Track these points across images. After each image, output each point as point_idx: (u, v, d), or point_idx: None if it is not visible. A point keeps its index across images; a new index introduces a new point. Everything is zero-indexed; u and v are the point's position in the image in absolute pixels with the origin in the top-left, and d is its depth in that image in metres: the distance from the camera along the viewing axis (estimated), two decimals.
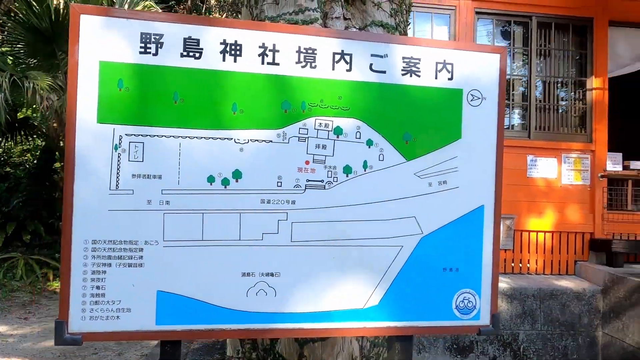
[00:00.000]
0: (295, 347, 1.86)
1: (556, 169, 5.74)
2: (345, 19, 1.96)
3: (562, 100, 5.91)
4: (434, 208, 1.32)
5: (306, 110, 1.26)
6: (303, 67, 1.26)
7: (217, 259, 1.23)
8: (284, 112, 1.25)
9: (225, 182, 1.23)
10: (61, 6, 8.30)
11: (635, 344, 4.62)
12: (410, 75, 1.31)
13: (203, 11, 23.43)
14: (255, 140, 1.24)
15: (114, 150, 1.18)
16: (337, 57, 1.28)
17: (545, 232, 5.63)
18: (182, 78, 1.21)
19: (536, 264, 5.63)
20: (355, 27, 1.94)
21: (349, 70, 1.28)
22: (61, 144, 10.30)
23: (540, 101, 5.72)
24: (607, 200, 5.63)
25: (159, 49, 1.20)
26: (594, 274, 5.29)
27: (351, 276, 1.28)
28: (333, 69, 1.28)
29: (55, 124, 9.90)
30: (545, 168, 5.75)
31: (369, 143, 1.29)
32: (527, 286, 5.06)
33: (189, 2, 24.16)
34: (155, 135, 1.20)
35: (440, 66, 1.33)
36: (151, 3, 10.18)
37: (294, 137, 1.25)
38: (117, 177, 1.18)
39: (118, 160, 1.18)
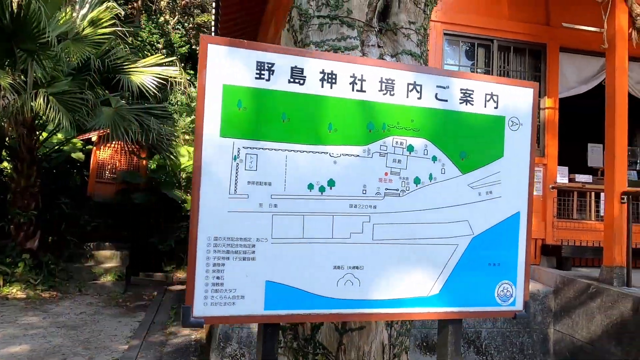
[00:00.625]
0: (335, 336, 2.09)
1: None
2: (379, 46, 2.23)
3: None
4: (482, 213, 1.61)
5: (386, 130, 1.52)
6: (384, 94, 1.52)
7: (314, 254, 1.46)
8: (368, 132, 1.50)
9: (321, 189, 1.46)
10: (23, 2, 8.08)
11: (584, 339, 5.15)
12: (466, 104, 1.60)
13: (153, 10, 22.84)
14: (346, 154, 1.48)
15: (233, 161, 1.39)
16: (410, 87, 1.55)
17: None
18: (288, 101, 1.43)
19: None
20: (388, 54, 2.22)
21: (420, 98, 1.55)
22: (6, 143, 9.94)
23: None
24: (556, 210, 6.22)
25: (271, 76, 1.42)
26: (546, 277, 5.82)
27: (418, 269, 1.55)
28: (407, 96, 1.54)
29: (5, 124, 9.55)
30: None
31: (434, 159, 1.57)
32: None
33: (139, 2, 23.49)
34: (266, 149, 1.42)
35: (488, 97, 1.62)
36: (113, 4, 10.05)
37: (376, 153, 1.51)
38: (235, 184, 1.39)
39: (236, 169, 1.39)
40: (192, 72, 18.19)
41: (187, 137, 15.25)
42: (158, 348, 6.24)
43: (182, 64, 16.56)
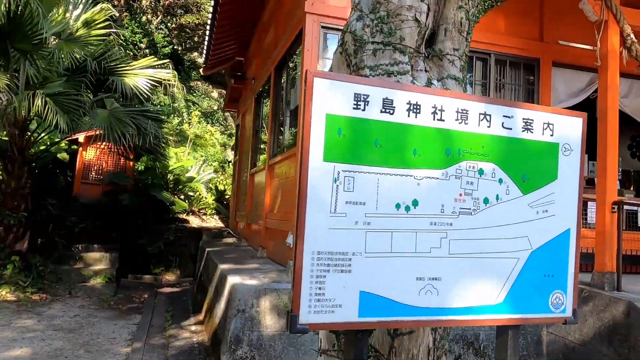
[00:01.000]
0: (387, 340, 2.25)
1: None
2: (426, 71, 2.41)
3: None
4: (539, 230, 1.80)
5: (460, 155, 1.69)
6: (459, 123, 1.69)
7: (400, 267, 1.62)
8: (446, 157, 1.68)
9: (407, 208, 1.62)
10: (20, 1, 8.02)
11: (576, 341, 5.43)
12: (527, 132, 1.79)
13: (135, 9, 22.59)
14: (428, 177, 1.65)
15: (333, 183, 1.54)
16: (482, 116, 1.73)
17: None
18: (380, 128, 1.60)
19: None
20: (434, 78, 2.40)
21: (489, 126, 1.73)
22: None
23: None
24: None
25: (366, 106, 1.58)
26: None
27: (486, 280, 1.73)
28: (479, 125, 1.72)
29: None
30: None
31: (500, 181, 1.75)
32: None
33: (122, 1, 23.17)
34: (361, 172, 1.57)
35: (545, 125, 1.82)
36: (108, 6, 10.03)
37: (452, 176, 1.68)
38: (335, 204, 1.54)
39: (336, 191, 1.54)
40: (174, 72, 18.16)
41: (172, 139, 15.22)
42: (161, 351, 6.30)
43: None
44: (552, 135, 1.83)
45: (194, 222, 13.60)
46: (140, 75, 9.75)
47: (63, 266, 10.20)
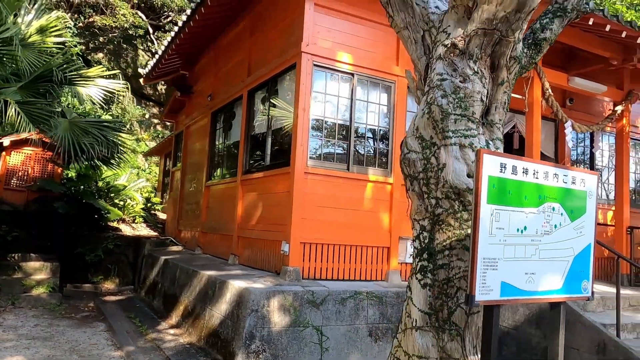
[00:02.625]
0: (464, 317, 3.32)
1: None
2: (482, 134, 3.54)
3: None
4: (577, 243, 3.01)
5: (544, 199, 2.84)
6: (544, 179, 2.84)
7: (519, 266, 2.72)
8: (538, 200, 2.81)
9: (521, 231, 2.73)
10: None
11: (509, 326, 6.95)
12: (573, 184, 2.99)
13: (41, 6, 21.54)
14: (531, 212, 2.77)
15: (491, 216, 2.59)
16: (554, 175, 2.89)
17: None
18: (510, 183, 2.68)
19: None
20: (488, 140, 3.54)
21: (557, 181, 2.91)
22: None
23: None
24: None
25: (505, 170, 2.66)
26: None
27: (555, 274, 2.89)
28: (552, 180, 2.89)
29: None
30: None
31: (561, 214, 2.93)
32: None
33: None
34: (502, 210, 2.65)
35: (580, 180, 3.04)
36: (64, 14, 10.08)
37: (541, 211, 2.82)
38: (491, 228, 2.59)
39: (492, 221, 2.59)
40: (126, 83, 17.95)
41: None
42: (157, 352, 6.78)
43: None
44: (584, 186, 3.06)
45: (126, 230, 13.61)
46: (93, 86, 9.87)
47: (1, 277, 9.92)
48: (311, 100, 6.74)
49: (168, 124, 23.84)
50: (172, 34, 9.87)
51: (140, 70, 12.31)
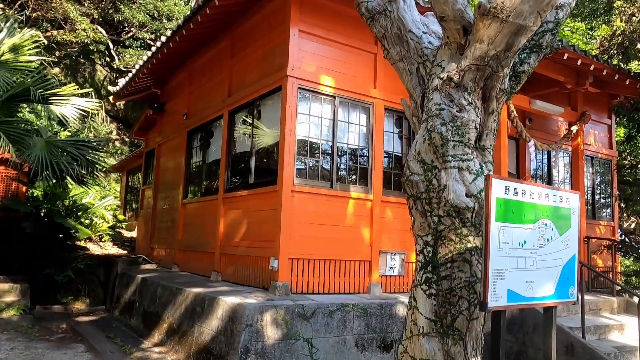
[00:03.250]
0: (465, 322, 3.69)
1: None
2: (476, 158, 3.96)
3: None
4: (565, 254, 3.45)
5: (539, 216, 3.27)
6: (539, 199, 3.27)
7: (521, 275, 3.12)
8: (534, 217, 3.24)
9: (522, 245, 3.14)
10: None
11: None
12: (561, 202, 3.44)
13: None
14: (529, 228, 3.19)
15: (497, 232, 2.98)
16: (546, 195, 3.33)
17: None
18: (513, 203, 3.09)
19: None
20: (481, 163, 3.96)
21: (548, 200, 3.34)
22: None
23: None
24: None
25: (508, 192, 3.07)
26: None
27: (548, 281, 3.31)
28: (547, 200, 3.32)
29: None
30: None
31: (552, 229, 3.36)
32: (406, 301, 7.38)
33: None
34: (507, 227, 3.04)
35: (566, 199, 3.49)
36: (38, 33, 10.04)
37: (537, 227, 3.25)
38: (499, 243, 2.98)
39: (499, 236, 2.98)
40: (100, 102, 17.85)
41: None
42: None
43: None
44: (568, 204, 3.51)
45: (94, 249, 13.41)
46: (68, 105, 9.83)
47: None
48: (296, 121, 7.06)
49: (127, 139, 23.56)
50: (149, 53, 9.98)
51: (110, 87, 12.27)
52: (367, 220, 7.66)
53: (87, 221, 13.22)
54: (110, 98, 12.30)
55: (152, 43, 23.56)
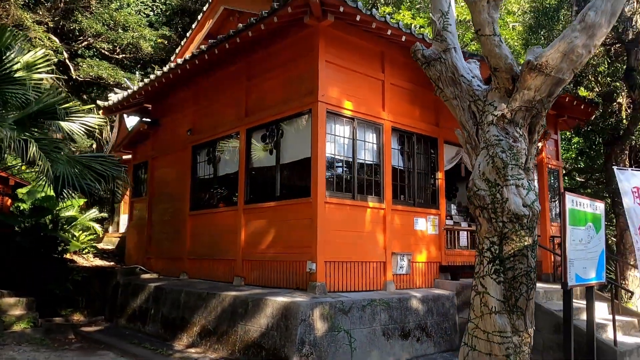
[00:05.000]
0: (524, 301, 4.89)
1: (425, 225, 9.67)
2: (524, 177, 5.19)
3: (425, 183, 10.01)
4: (599, 248, 4.76)
5: (587, 221, 4.54)
6: (585, 209, 4.54)
7: (582, 263, 4.36)
8: (585, 222, 4.50)
9: (581, 241, 4.38)
10: None
11: None
12: (596, 210, 4.74)
13: None
14: (584, 229, 4.45)
15: (570, 233, 4.20)
16: (589, 205, 4.61)
17: (421, 262, 9.44)
18: (577, 212, 4.33)
19: (419, 281, 9.34)
20: (529, 181, 5.20)
21: (590, 209, 4.62)
22: None
23: (415, 184, 9.56)
24: (446, 242, 9.90)
25: (575, 205, 4.30)
26: (448, 285, 9.35)
27: (593, 267, 4.59)
28: (589, 208, 4.60)
29: None
30: (421, 224, 9.60)
31: (593, 230, 4.65)
32: (419, 295, 8.60)
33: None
34: (574, 229, 4.27)
35: (598, 207, 4.80)
36: (50, 52, 10.35)
37: (588, 229, 4.52)
38: (571, 241, 4.21)
39: (571, 235, 4.21)
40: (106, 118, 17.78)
41: None
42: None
43: None
44: (598, 211, 4.82)
45: (80, 261, 13.52)
46: (77, 120, 10.17)
47: None
48: (325, 141, 8.06)
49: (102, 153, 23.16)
50: (152, 76, 10.54)
51: (100, 102, 12.56)
52: (381, 227, 8.79)
53: (75, 233, 13.32)
54: (100, 112, 12.55)
55: (107, 53, 23.44)
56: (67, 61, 22.05)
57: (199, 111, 11.17)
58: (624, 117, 11.34)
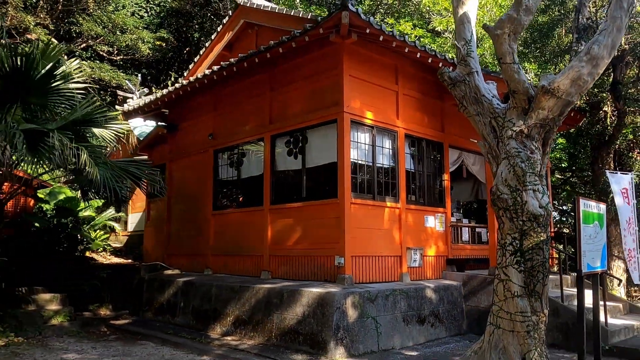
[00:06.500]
0: (540, 286, 5.88)
1: (434, 222, 10.66)
2: (539, 183, 6.18)
3: (433, 184, 11.00)
4: (602, 241, 5.78)
5: (594, 219, 5.55)
6: (593, 209, 5.55)
7: (592, 254, 5.37)
8: (594, 219, 5.51)
9: (592, 236, 5.39)
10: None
11: (485, 307, 9.76)
12: (599, 210, 5.75)
13: None
14: (593, 226, 5.45)
15: (583, 229, 5.20)
16: (595, 207, 5.62)
17: (431, 256, 10.44)
18: (590, 213, 5.33)
19: (429, 273, 10.32)
20: (542, 186, 6.18)
21: (595, 209, 5.64)
22: None
23: (425, 185, 10.55)
24: (452, 238, 10.92)
25: (586, 206, 5.30)
26: (455, 276, 10.37)
27: (599, 256, 5.60)
28: (595, 209, 5.60)
29: None
30: (430, 221, 10.59)
31: (598, 226, 5.66)
32: (432, 285, 9.58)
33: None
34: (588, 226, 5.27)
35: (601, 208, 5.82)
36: (83, 62, 11.02)
37: (595, 226, 5.53)
38: (583, 237, 5.20)
39: (583, 232, 5.21)
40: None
41: None
42: (238, 352, 8.33)
43: None
44: (601, 211, 5.84)
45: (99, 259, 14.17)
46: (107, 127, 10.85)
47: (18, 309, 10.39)
48: (350, 148, 8.97)
49: None
50: (177, 85, 11.28)
51: (118, 107, 13.22)
52: (397, 224, 9.74)
53: (93, 233, 13.96)
54: (120, 116, 13.19)
55: (105, 55, 23.87)
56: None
57: (219, 117, 11.93)
58: (609, 124, 12.54)
